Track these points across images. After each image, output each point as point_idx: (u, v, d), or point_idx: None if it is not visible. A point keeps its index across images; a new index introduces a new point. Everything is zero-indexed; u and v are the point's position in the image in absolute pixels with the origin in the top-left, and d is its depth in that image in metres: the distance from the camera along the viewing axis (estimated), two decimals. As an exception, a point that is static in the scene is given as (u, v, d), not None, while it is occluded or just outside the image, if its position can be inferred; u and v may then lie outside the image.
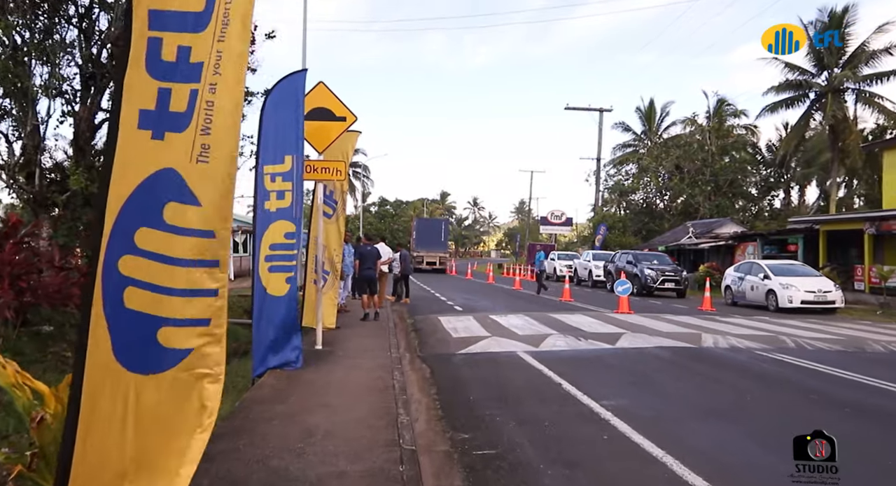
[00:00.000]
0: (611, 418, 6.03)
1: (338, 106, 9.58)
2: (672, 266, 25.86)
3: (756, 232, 28.52)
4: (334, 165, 9.55)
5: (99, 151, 12.51)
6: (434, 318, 14.72)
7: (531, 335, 11.43)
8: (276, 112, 7.79)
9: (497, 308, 17.63)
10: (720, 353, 9.99)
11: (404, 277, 19.31)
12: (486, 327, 12.63)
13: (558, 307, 18.30)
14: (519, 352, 9.87)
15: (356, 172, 71.05)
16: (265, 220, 7.63)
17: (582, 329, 12.27)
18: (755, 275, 19.99)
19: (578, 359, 9.48)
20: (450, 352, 10.13)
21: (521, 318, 14.31)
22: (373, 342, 10.49)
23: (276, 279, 7.59)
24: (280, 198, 7.57)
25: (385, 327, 12.57)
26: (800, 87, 34.89)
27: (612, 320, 13.93)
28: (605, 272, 29.15)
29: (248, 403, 6.22)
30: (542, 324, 13.17)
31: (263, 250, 7.62)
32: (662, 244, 36.55)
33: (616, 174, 53.17)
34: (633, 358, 9.51)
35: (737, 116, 47.69)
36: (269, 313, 7.65)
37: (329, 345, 9.81)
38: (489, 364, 9.11)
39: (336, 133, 9.64)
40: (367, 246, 13.97)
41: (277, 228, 7.55)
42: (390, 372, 7.84)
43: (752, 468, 4.84)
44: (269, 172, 7.68)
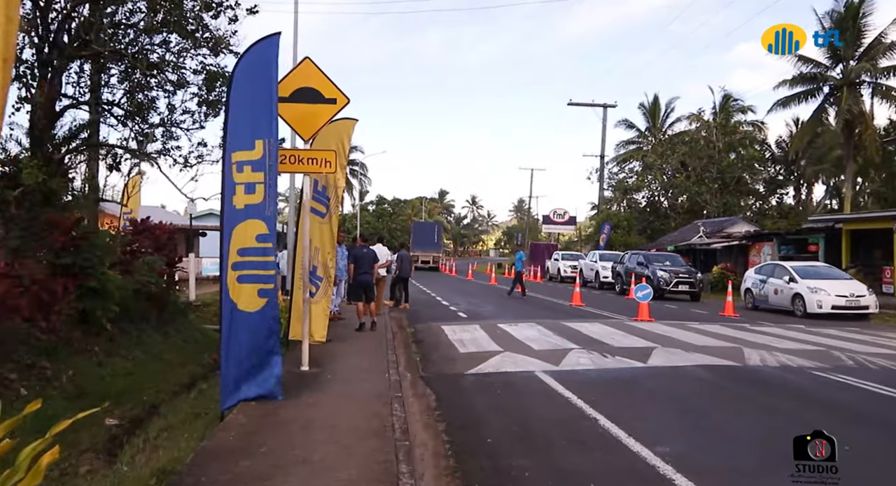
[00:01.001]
0: (674, 475, 4.65)
1: (327, 86, 8.19)
2: (686, 268, 24.51)
3: (773, 231, 27.19)
4: (322, 156, 8.15)
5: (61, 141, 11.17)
6: (437, 327, 13.34)
7: (549, 350, 10.06)
8: (245, 86, 6.42)
9: (505, 315, 16.25)
10: (772, 374, 8.61)
11: (403, 279, 17.94)
12: (495, 340, 11.25)
13: (570, 314, 16.93)
14: (538, 372, 8.50)
15: (353, 169, 69.63)
16: (232, 218, 6.25)
17: (605, 342, 10.90)
18: (779, 278, 18.64)
19: (609, 382, 8.11)
20: (457, 372, 8.76)
21: (534, 328, 12.94)
22: (368, 361, 9.11)
23: (247, 292, 6.20)
24: (250, 192, 6.19)
25: (383, 339, 11.19)
26: (814, 80, 33.54)
27: (634, 330, 12.56)
28: (614, 274, 27.80)
29: (205, 455, 4.83)
30: (558, 335, 11.79)
31: (231, 256, 6.24)
32: (670, 244, 35.22)
33: (619, 172, 51.88)
34: (673, 380, 8.14)
35: (744, 111, 46.46)
36: (240, 333, 6.28)
37: (317, 365, 8.43)
38: (506, 389, 7.73)
39: (325, 118, 8.25)
40: (363, 248, 12.59)
41: (247, 229, 6.17)
42: (389, 404, 6.46)
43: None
44: (237, 161, 6.31)
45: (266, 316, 6.31)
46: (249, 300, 6.20)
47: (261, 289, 6.25)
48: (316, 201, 9.43)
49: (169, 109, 12.05)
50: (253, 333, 6.32)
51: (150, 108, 11.91)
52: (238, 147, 6.27)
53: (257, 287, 6.21)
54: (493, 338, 11.48)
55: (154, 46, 11.20)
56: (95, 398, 9.38)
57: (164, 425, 8.55)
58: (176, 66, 11.36)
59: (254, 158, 6.21)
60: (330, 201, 9.58)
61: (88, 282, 10.41)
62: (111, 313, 11.11)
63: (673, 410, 6.69)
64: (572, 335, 11.76)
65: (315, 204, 9.40)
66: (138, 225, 13.83)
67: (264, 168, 6.17)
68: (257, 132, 6.23)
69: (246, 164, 6.24)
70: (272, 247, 6.27)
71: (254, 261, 6.20)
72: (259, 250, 6.17)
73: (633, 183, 49.05)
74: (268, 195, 6.18)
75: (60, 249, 10.09)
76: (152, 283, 11.49)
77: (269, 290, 6.29)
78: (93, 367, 10.37)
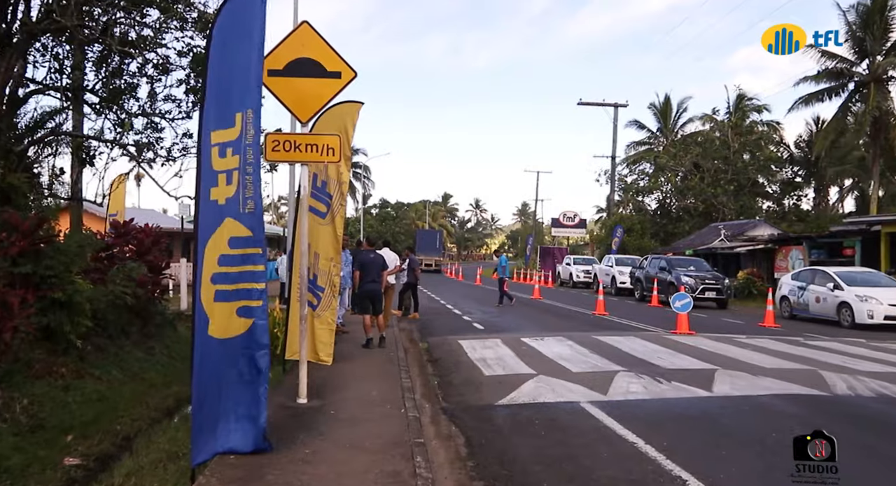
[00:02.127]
0: None
1: (329, 56, 6.74)
2: (712, 273, 22.97)
3: (803, 234, 25.63)
4: (324, 142, 6.69)
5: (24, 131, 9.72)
6: (453, 341, 11.86)
7: (590, 373, 8.57)
8: (225, 49, 4.96)
9: (526, 327, 14.76)
10: (873, 407, 7.09)
11: (412, 286, 16.46)
12: (523, 359, 9.76)
13: (598, 325, 15.43)
14: (584, 404, 7.02)
15: (356, 172, 68.26)
16: (213, 217, 4.79)
17: (652, 362, 9.40)
18: (821, 284, 17.12)
19: (676, 418, 6.61)
20: (486, 402, 7.28)
21: (563, 343, 11.44)
22: (379, 388, 7.63)
23: (222, 312, 4.73)
24: (231, 182, 4.72)
25: (394, 358, 9.72)
26: (839, 76, 32.03)
27: (680, 347, 11.05)
28: (633, 279, 26.28)
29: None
30: (594, 353, 10.30)
31: (208, 266, 4.77)
32: (687, 248, 33.64)
33: (629, 174, 50.33)
34: (755, 416, 6.64)
35: (759, 111, 44.96)
36: (213, 365, 4.81)
37: (318, 395, 6.97)
38: (550, 428, 6.24)
39: (328, 95, 6.81)
40: (369, 253, 11.11)
41: (225, 232, 4.71)
42: (409, 458, 4.97)
43: None
44: (217, 143, 4.85)
45: (251, 343, 4.82)
46: (225, 322, 4.73)
47: (241, 307, 4.76)
48: (315, 199, 7.95)
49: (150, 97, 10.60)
50: (231, 365, 4.84)
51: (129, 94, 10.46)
52: (217, 124, 4.82)
53: (236, 306, 4.73)
54: (519, 356, 9.99)
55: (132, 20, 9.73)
56: (56, 431, 7.93)
57: (133, 467, 7.05)
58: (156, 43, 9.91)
59: (233, 137, 4.75)
60: (332, 199, 8.09)
61: (53, 293, 8.95)
62: (81, 328, 9.65)
63: (777, 463, 5.16)
64: (610, 353, 10.26)
65: (314, 202, 7.92)
66: (119, 228, 12.38)
67: (240, 150, 4.70)
68: (240, 103, 4.77)
69: (228, 145, 4.78)
70: (259, 254, 4.78)
71: (235, 272, 4.73)
72: (239, 257, 4.69)
73: (644, 185, 47.47)
74: (242, 186, 4.70)
75: (18, 254, 8.64)
76: (128, 293, 10.02)
77: (254, 308, 4.80)
78: (56, 392, 8.89)
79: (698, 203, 42.37)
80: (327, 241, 7.93)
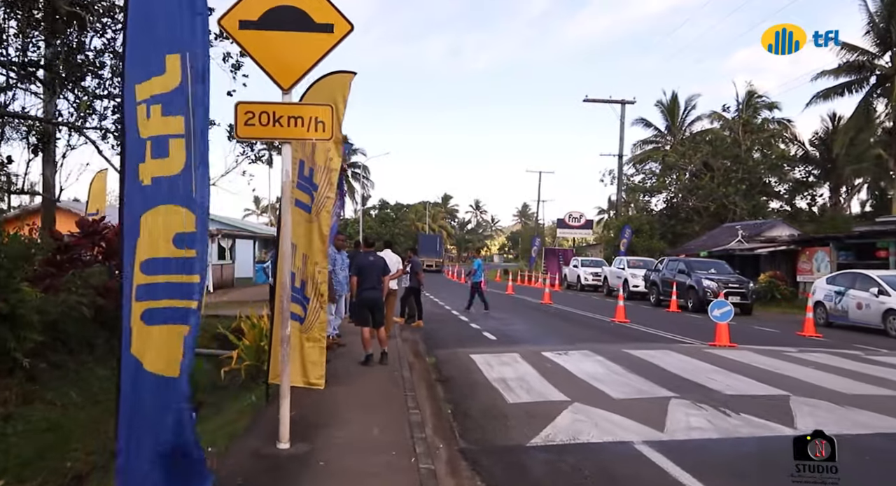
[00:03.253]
0: None
1: (319, 4, 5.28)
2: (735, 276, 21.49)
3: (829, 235, 24.16)
4: (312, 113, 5.24)
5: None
6: (464, 356, 10.40)
7: (636, 401, 7.10)
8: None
9: (543, 337, 13.30)
10: None
11: (415, 292, 15.00)
12: (550, 379, 8.30)
13: (620, 334, 13.97)
14: (638, 444, 5.56)
15: (355, 172, 66.72)
16: (139, 202, 3.31)
17: (705, 385, 7.92)
18: (863, 289, 15.66)
19: (763, 467, 5.12)
20: (515, 442, 5.81)
21: (591, 358, 9.98)
22: (380, 423, 6.16)
23: (160, 338, 3.28)
24: (160, 154, 3.27)
25: (397, 379, 8.26)
26: (861, 68, 30.56)
27: (726, 363, 9.59)
28: (648, 283, 24.81)
29: None
30: (631, 372, 8.83)
31: (136, 274, 3.30)
32: (700, 249, 32.16)
33: (636, 173, 48.83)
34: (865, 466, 5.17)
35: (770, 108, 43.50)
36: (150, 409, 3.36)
37: (304, 438, 5.50)
38: (601, 480, 4.79)
39: (316, 54, 5.34)
40: (368, 255, 9.64)
41: (158, 223, 3.24)
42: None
43: None
44: (143, 100, 3.40)
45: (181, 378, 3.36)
46: (165, 355, 3.27)
47: (188, 334, 3.31)
48: (302, 190, 6.47)
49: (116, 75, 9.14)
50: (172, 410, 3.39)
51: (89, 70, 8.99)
52: (144, 73, 3.35)
53: (178, 331, 3.28)
54: (545, 376, 8.53)
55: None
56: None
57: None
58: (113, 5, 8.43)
59: (166, 88, 3.28)
60: (317, 191, 6.59)
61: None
62: (29, 344, 8.20)
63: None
64: (651, 372, 8.79)
65: (301, 194, 6.44)
66: (87, 226, 10.90)
67: (184, 108, 3.24)
68: (168, 39, 3.31)
69: (155, 101, 3.31)
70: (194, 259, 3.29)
71: (172, 282, 3.26)
72: (179, 263, 3.22)
73: (652, 185, 45.99)
74: (193, 159, 3.23)
75: (-55, 258, 7.22)
76: (84, 303, 8.55)
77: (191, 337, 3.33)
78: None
79: (709, 203, 40.89)
80: (311, 239, 6.44)
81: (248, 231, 36.61)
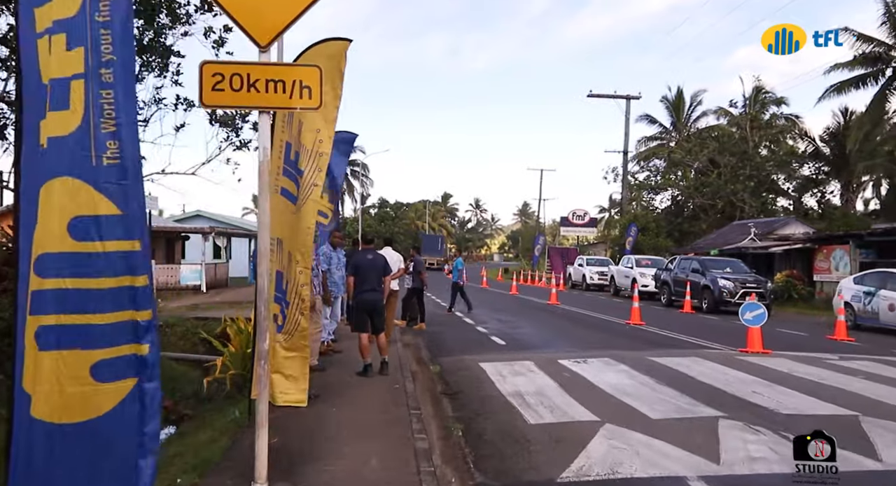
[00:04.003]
0: None
1: (302, -58, 4.28)
2: (753, 275, 20.51)
3: (849, 232, 23.15)
4: (295, 75, 4.25)
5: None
6: (472, 363, 9.41)
7: (678, 421, 6.11)
8: None
9: (555, 341, 12.32)
10: None
11: (418, 292, 14.03)
12: (572, 393, 7.30)
13: (639, 338, 12.99)
14: (693, 481, 4.58)
15: (354, 170, 65.74)
16: (37, 173, 2.29)
17: (754, 402, 6.90)
18: (894, 290, 14.68)
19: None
20: (543, 477, 4.81)
21: (615, 367, 8.99)
22: (380, 452, 5.16)
23: (58, 371, 2.26)
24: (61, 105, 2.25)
25: (399, 393, 7.26)
26: (877, 60, 29.54)
27: (767, 373, 8.58)
28: (658, 282, 23.83)
29: None
30: (662, 384, 7.83)
31: (32, 279, 2.27)
32: (709, 247, 31.16)
33: (640, 170, 47.81)
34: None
35: (778, 104, 42.50)
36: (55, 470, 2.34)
37: (285, 474, 4.50)
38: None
39: (300, 5, 4.34)
40: (367, 253, 8.63)
41: (54, 202, 2.22)
42: None
43: None
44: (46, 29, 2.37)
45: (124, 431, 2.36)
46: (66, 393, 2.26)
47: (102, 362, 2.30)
48: (286, 177, 5.46)
49: None
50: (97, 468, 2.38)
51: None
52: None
53: (90, 359, 2.27)
54: (566, 389, 7.53)
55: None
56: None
57: None
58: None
59: (70, 12, 2.27)
60: (302, 177, 5.59)
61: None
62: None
63: None
64: (686, 385, 7.79)
65: (285, 181, 5.43)
66: None
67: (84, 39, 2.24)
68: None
69: (58, 31, 2.31)
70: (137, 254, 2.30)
71: (82, 290, 2.25)
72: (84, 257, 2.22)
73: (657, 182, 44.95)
74: (94, 113, 2.23)
75: None
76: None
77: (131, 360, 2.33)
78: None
79: (716, 200, 39.89)
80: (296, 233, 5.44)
81: (243, 229, 35.61)
